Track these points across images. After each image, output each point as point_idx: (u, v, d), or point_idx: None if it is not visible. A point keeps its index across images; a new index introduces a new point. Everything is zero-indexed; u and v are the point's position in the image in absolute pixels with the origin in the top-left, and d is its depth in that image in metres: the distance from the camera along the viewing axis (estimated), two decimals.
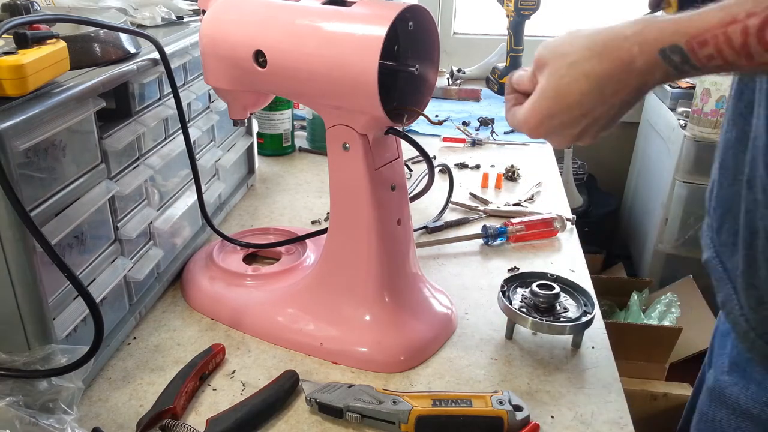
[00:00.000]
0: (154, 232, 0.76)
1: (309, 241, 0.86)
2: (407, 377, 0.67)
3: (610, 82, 0.51)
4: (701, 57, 0.47)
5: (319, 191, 1.11)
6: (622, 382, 0.67)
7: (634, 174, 2.10)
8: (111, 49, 0.66)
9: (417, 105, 0.65)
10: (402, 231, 0.71)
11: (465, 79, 1.77)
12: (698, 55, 0.47)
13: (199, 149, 0.88)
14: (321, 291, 0.72)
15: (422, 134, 1.37)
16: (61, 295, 0.59)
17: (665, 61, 0.48)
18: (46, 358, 0.55)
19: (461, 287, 0.83)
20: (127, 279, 0.71)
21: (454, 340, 0.73)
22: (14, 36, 0.53)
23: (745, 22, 0.44)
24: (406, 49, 0.64)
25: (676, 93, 1.78)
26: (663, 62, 0.48)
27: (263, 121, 1.22)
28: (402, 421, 0.58)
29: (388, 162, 0.68)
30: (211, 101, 0.91)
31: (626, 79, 0.50)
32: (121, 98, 0.69)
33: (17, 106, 0.51)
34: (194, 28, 0.86)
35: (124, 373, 0.67)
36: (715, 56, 0.46)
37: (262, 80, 0.65)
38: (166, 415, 0.59)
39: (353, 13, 0.60)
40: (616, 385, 0.66)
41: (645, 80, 0.50)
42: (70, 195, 0.59)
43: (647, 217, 1.90)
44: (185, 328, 0.74)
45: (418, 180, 1.09)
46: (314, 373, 0.67)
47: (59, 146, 0.57)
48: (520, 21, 1.64)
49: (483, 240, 0.93)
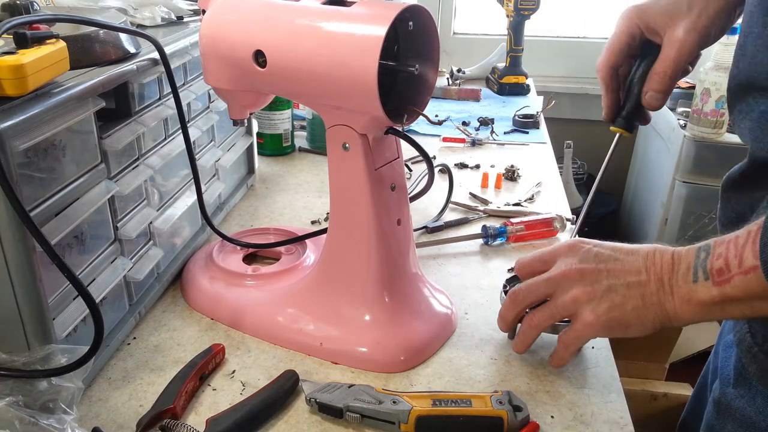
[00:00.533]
0: (153, 232, 0.76)
1: (309, 241, 0.86)
2: (407, 377, 0.67)
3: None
4: (716, 254, 0.52)
5: (319, 191, 1.11)
6: (622, 382, 0.67)
7: (634, 174, 2.10)
8: (111, 49, 0.66)
9: (417, 105, 0.65)
10: (402, 231, 0.71)
11: (465, 79, 1.77)
12: (715, 252, 0.52)
13: (198, 149, 0.88)
14: (321, 291, 0.72)
15: (422, 134, 1.37)
16: (61, 295, 0.59)
17: (696, 254, 0.53)
18: (46, 358, 0.55)
19: (461, 287, 0.83)
20: (127, 279, 0.71)
21: (454, 340, 0.73)
22: (14, 36, 0.52)
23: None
24: (406, 49, 0.64)
25: (676, 93, 1.79)
26: (695, 254, 0.54)
27: (263, 121, 1.22)
28: (402, 421, 0.58)
29: (388, 162, 0.68)
30: (211, 101, 0.91)
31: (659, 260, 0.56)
32: (121, 98, 0.69)
33: (17, 106, 0.51)
34: (194, 28, 0.86)
35: (124, 373, 0.67)
36: (723, 254, 0.51)
37: (262, 80, 0.65)
38: (166, 415, 0.59)
39: (353, 13, 0.60)
40: (616, 385, 0.66)
41: (670, 278, 0.55)
42: (70, 195, 0.59)
43: (647, 217, 1.90)
44: (185, 328, 0.74)
45: (418, 180, 1.09)
46: (314, 373, 0.67)
47: (59, 146, 0.57)
48: (520, 21, 1.64)
49: (483, 240, 0.93)
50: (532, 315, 0.64)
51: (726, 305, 0.51)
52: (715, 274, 0.51)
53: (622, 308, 0.57)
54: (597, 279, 0.59)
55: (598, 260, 0.60)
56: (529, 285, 0.64)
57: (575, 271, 0.60)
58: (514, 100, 1.66)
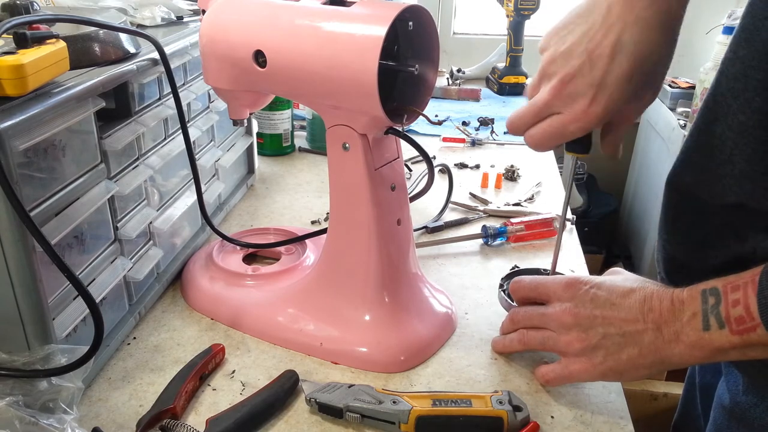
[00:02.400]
0: (153, 232, 0.76)
1: (309, 241, 0.86)
2: (407, 377, 0.67)
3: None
4: (731, 301, 0.50)
5: (319, 191, 1.11)
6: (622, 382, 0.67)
7: (634, 174, 2.10)
8: (111, 49, 0.66)
9: (417, 105, 0.65)
10: (402, 231, 0.71)
11: (465, 79, 1.77)
12: (729, 299, 0.50)
13: (198, 149, 0.88)
14: (321, 291, 0.72)
15: (422, 134, 1.37)
16: (61, 295, 0.59)
17: (702, 299, 0.52)
18: (46, 358, 0.55)
19: (461, 287, 0.83)
20: (127, 279, 0.71)
21: (454, 340, 0.73)
22: (14, 36, 0.52)
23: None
24: (406, 49, 0.64)
25: (676, 93, 1.79)
26: (700, 300, 0.52)
27: (263, 121, 1.22)
28: (402, 421, 0.58)
29: (388, 162, 0.68)
30: (211, 101, 0.91)
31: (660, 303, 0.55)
32: (121, 98, 0.69)
33: (17, 106, 0.51)
34: (194, 28, 0.85)
35: (124, 373, 0.67)
36: (740, 301, 0.49)
37: (262, 80, 0.65)
38: (166, 415, 0.59)
39: (353, 13, 0.60)
40: (616, 385, 0.66)
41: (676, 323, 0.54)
42: (70, 195, 0.59)
43: (647, 217, 1.90)
44: (185, 328, 0.74)
45: (418, 180, 1.09)
46: (314, 373, 0.67)
47: (59, 146, 0.57)
48: (520, 21, 1.64)
49: (483, 240, 0.93)
50: (526, 333, 0.65)
51: (747, 350, 0.50)
52: (734, 323, 0.50)
53: (617, 357, 0.57)
54: (592, 325, 0.58)
55: (594, 305, 0.59)
56: (528, 312, 0.65)
57: (570, 314, 0.60)
58: (514, 100, 1.66)
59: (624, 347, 0.57)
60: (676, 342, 0.53)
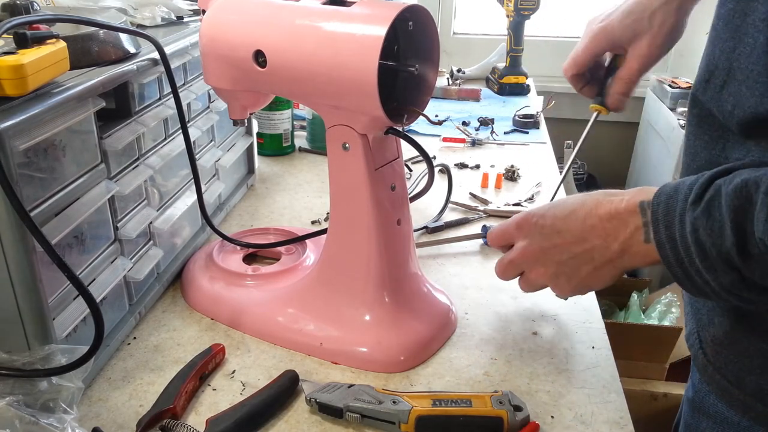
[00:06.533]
0: (154, 232, 0.76)
1: (309, 241, 0.86)
2: (407, 377, 0.67)
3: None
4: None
5: (319, 191, 1.11)
6: (622, 382, 0.67)
7: (634, 174, 2.09)
8: (111, 49, 0.66)
9: (417, 105, 0.65)
10: (402, 231, 0.71)
11: (465, 79, 1.77)
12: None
13: (198, 149, 0.88)
14: (321, 291, 0.72)
15: (422, 134, 1.37)
16: (61, 295, 0.59)
17: (641, 212, 0.53)
18: (46, 357, 0.55)
19: (461, 287, 0.83)
20: (127, 279, 0.71)
21: (454, 340, 0.73)
22: (14, 36, 0.52)
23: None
24: (406, 49, 0.64)
25: (676, 93, 1.79)
26: (639, 213, 0.53)
27: (263, 121, 1.22)
28: (402, 421, 0.58)
29: (388, 162, 0.68)
30: (211, 101, 0.91)
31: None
32: (121, 98, 0.69)
33: (17, 106, 0.51)
34: (194, 28, 0.86)
35: (124, 373, 0.67)
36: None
37: (262, 80, 0.65)
38: (166, 415, 0.59)
39: (353, 13, 0.60)
40: (616, 385, 0.66)
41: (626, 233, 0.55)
42: (70, 195, 0.59)
43: None
44: (185, 328, 0.74)
45: (418, 180, 1.09)
46: (314, 373, 0.67)
47: (59, 146, 0.57)
48: (520, 21, 1.64)
49: (483, 240, 0.93)
50: (520, 281, 0.68)
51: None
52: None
53: (578, 276, 0.61)
54: (546, 257, 0.62)
55: (543, 237, 0.62)
56: (501, 264, 0.69)
57: (527, 254, 0.64)
58: (514, 100, 1.66)
59: (580, 266, 0.60)
60: (626, 253, 0.56)
